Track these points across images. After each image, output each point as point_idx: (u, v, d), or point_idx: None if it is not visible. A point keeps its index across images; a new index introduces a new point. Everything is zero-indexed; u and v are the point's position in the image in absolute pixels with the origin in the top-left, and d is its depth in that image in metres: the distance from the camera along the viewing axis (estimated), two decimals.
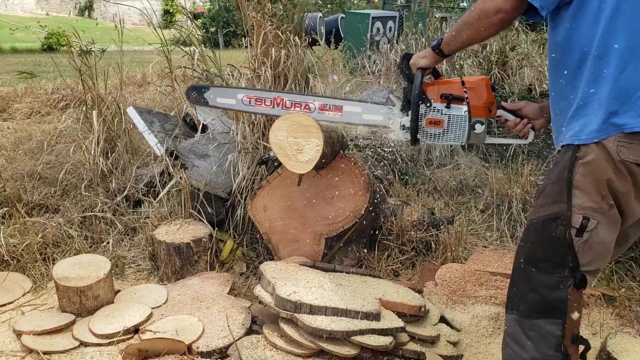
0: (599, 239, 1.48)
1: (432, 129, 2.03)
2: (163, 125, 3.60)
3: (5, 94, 6.18)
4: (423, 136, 2.05)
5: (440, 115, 2.00)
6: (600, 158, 1.43)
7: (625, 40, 1.40)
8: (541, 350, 1.51)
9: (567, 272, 1.49)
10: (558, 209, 1.49)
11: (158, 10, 23.95)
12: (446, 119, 2.00)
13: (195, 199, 2.96)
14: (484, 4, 1.55)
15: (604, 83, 1.42)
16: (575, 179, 1.46)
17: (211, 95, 2.56)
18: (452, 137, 2.01)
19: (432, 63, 1.92)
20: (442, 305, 2.52)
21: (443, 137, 2.02)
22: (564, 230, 1.48)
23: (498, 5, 1.52)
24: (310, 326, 1.98)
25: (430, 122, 2.01)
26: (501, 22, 1.55)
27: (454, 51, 1.85)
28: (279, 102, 2.45)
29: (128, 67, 7.20)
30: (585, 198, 1.46)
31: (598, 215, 1.46)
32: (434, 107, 2.00)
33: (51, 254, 2.79)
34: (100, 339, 2.12)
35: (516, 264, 1.60)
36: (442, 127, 2.01)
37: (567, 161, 1.48)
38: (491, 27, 1.58)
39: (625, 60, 1.40)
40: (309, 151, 2.40)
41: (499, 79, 4.39)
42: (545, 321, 1.51)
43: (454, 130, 2.00)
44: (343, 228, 2.62)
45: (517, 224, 3.23)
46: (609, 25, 1.41)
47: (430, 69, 1.96)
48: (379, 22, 8.75)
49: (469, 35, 1.66)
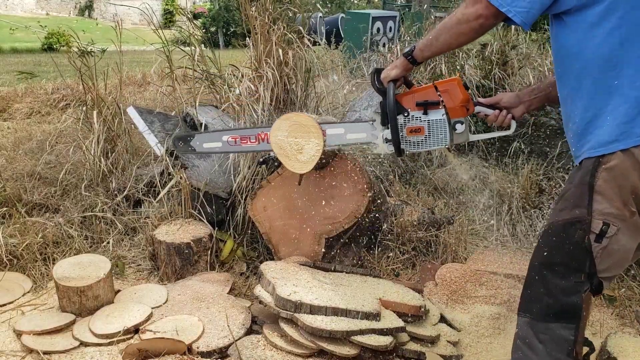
0: (619, 246, 1.46)
1: (414, 137, 2.06)
2: (163, 125, 3.60)
3: (5, 94, 6.17)
4: (406, 146, 2.08)
5: (419, 122, 2.03)
6: (626, 164, 1.41)
7: (636, 50, 1.39)
8: (553, 355, 1.50)
9: (584, 277, 1.47)
10: (578, 213, 1.47)
11: (158, 10, 23.96)
12: (426, 125, 2.02)
13: (196, 199, 2.96)
14: (465, 8, 1.57)
15: (618, 94, 1.41)
16: (597, 184, 1.44)
17: (197, 142, 2.61)
18: (435, 141, 2.04)
19: (403, 72, 1.93)
20: (442, 305, 2.52)
21: (426, 143, 2.05)
22: (583, 235, 1.46)
23: (479, 11, 1.53)
24: (310, 326, 1.98)
25: (411, 131, 2.05)
26: (480, 27, 1.56)
27: (428, 57, 1.86)
28: (264, 137, 2.48)
29: (128, 67, 7.20)
30: (606, 204, 1.44)
31: (619, 222, 1.44)
32: (412, 115, 2.03)
33: (51, 254, 2.79)
34: (100, 339, 2.12)
35: (532, 266, 1.58)
36: (424, 134, 2.04)
37: (589, 166, 1.46)
38: (470, 32, 1.59)
39: (637, 70, 1.39)
40: (309, 151, 2.39)
41: (499, 78, 4.38)
42: (559, 325, 1.50)
43: (435, 134, 2.03)
44: (343, 228, 2.62)
45: (517, 224, 3.23)
46: (617, 37, 1.40)
47: (401, 79, 1.98)
48: (379, 22, 8.75)
49: (446, 40, 1.67)
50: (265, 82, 3.01)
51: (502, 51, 4.54)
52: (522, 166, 3.60)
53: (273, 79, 3.02)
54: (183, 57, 3.47)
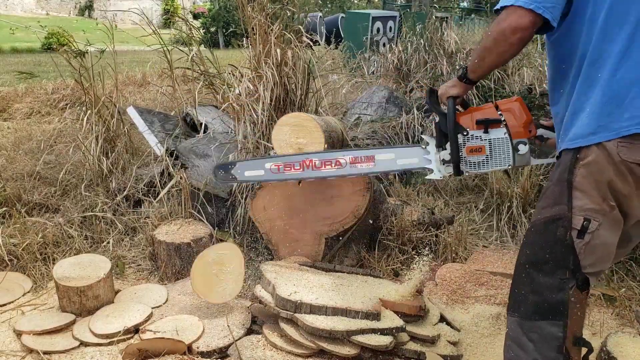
0: (601, 241, 1.47)
1: (474, 157, 1.93)
2: (163, 125, 3.60)
3: (5, 94, 6.17)
4: (466, 166, 1.95)
5: (480, 141, 1.90)
6: (601, 159, 1.42)
7: (618, 44, 1.41)
8: (542, 352, 1.51)
9: (569, 274, 1.48)
10: (559, 210, 1.48)
11: (158, 10, 23.97)
12: (487, 145, 1.90)
13: (196, 199, 2.96)
14: (498, 25, 1.51)
15: (598, 87, 1.43)
16: (575, 180, 1.46)
17: (239, 170, 2.50)
18: (497, 162, 1.91)
19: (463, 92, 1.86)
20: (442, 305, 2.52)
21: (488, 164, 1.93)
22: (564, 231, 1.47)
23: (513, 24, 1.47)
24: (310, 326, 1.98)
25: (472, 150, 1.92)
26: (520, 41, 1.51)
27: (481, 77, 1.81)
28: (309, 164, 2.37)
29: (128, 67, 7.20)
30: (586, 199, 1.45)
31: (599, 217, 1.45)
32: (472, 134, 1.91)
33: (51, 254, 2.79)
34: (100, 339, 2.12)
35: (518, 265, 1.59)
36: (485, 154, 1.91)
37: (567, 163, 1.48)
38: (511, 48, 1.54)
39: (617, 64, 1.40)
40: (309, 151, 2.40)
41: (498, 78, 4.39)
42: (547, 323, 1.51)
43: (497, 154, 1.91)
44: (343, 228, 2.62)
45: (517, 224, 3.23)
46: (602, 30, 1.42)
47: (460, 97, 1.89)
48: (379, 22, 8.75)
49: (492, 60, 1.62)
50: (265, 82, 3.01)
51: None
52: None
53: (272, 79, 3.02)
54: (180, 58, 3.47)
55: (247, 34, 3.19)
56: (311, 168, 2.36)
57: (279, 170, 2.42)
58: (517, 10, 1.46)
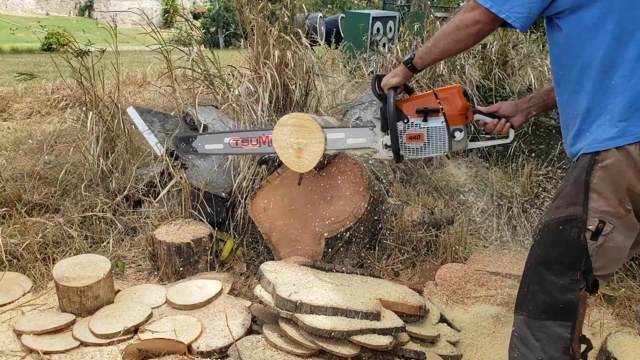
0: (614, 244, 1.47)
1: (413, 144, 2.08)
2: (163, 125, 3.60)
3: (5, 94, 6.17)
4: (406, 152, 2.10)
5: (419, 129, 2.06)
6: (621, 162, 1.42)
7: (631, 51, 1.40)
8: (549, 353, 1.50)
9: (580, 275, 1.48)
10: (573, 211, 1.48)
11: (158, 10, 23.96)
12: (425, 132, 2.05)
13: (196, 199, 2.96)
14: (462, 15, 1.59)
15: (614, 94, 1.42)
16: (593, 182, 1.45)
17: (199, 143, 2.63)
18: (434, 148, 2.07)
19: (403, 80, 1.96)
20: (442, 305, 2.52)
21: (425, 150, 2.08)
22: (578, 232, 1.47)
23: (476, 17, 1.55)
24: (310, 326, 1.98)
25: (411, 138, 2.07)
26: (478, 33, 1.59)
27: (428, 64, 1.89)
28: (265, 140, 2.48)
29: (128, 67, 7.20)
30: (602, 202, 1.45)
31: (614, 220, 1.45)
32: (412, 122, 2.06)
33: (51, 254, 2.79)
34: (100, 339, 2.12)
35: (528, 264, 1.59)
36: (423, 141, 2.06)
37: (585, 164, 1.47)
38: (468, 38, 1.61)
39: (632, 69, 1.40)
40: (309, 151, 2.40)
41: (499, 79, 4.39)
42: (555, 323, 1.50)
43: (434, 141, 2.05)
44: (343, 228, 2.62)
45: (517, 224, 3.23)
46: (615, 39, 1.42)
47: (401, 86, 2.00)
48: (379, 22, 8.73)
49: (445, 47, 1.69)
50: (264, 83, 3.01)
51: (502, 51, 4.54)
52: (522, 166, 3.59)
53: (272, 80, 3.02)
54: (180, 58, 3.47)
55: (245, 35, 3.19)
56: (267, 144, 2.47)
57: (237, 145, 2.54)
58: (481, 7, 1.53)
